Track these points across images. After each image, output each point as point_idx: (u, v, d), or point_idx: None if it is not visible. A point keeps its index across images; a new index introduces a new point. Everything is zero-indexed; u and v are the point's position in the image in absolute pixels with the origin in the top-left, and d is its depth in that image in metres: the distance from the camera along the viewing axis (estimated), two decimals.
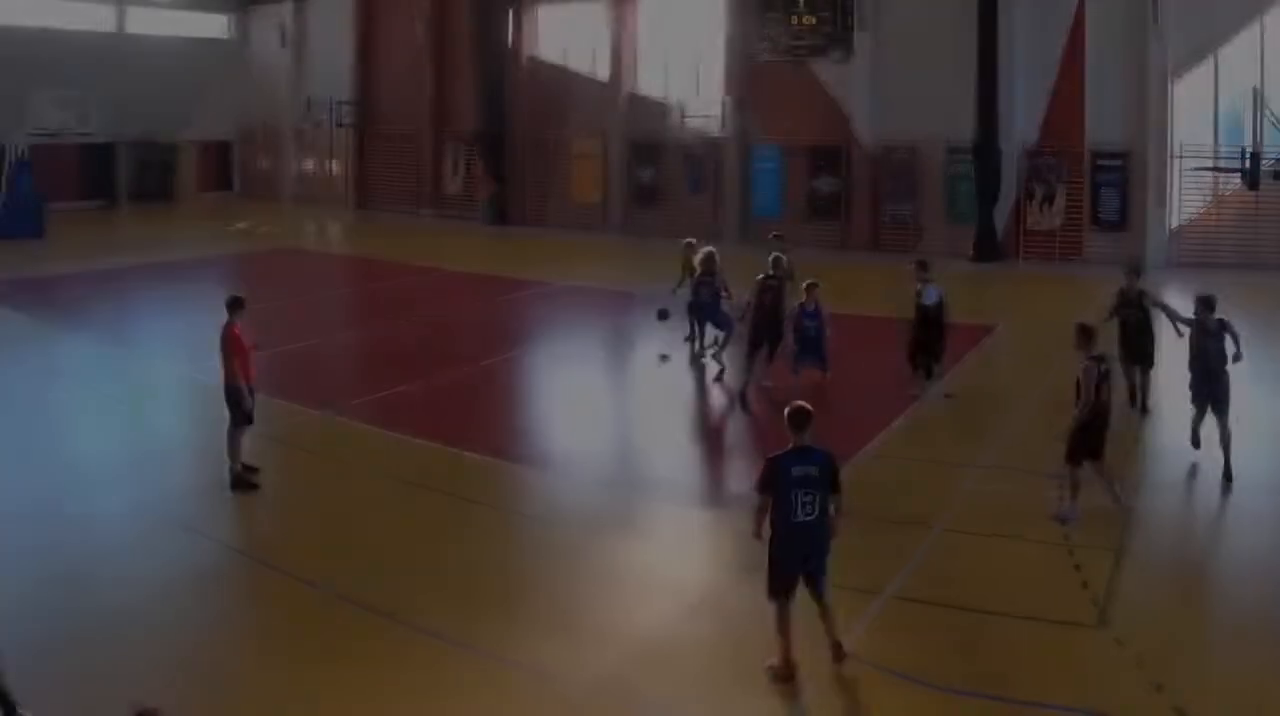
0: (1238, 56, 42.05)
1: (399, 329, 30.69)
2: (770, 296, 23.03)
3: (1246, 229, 42.28)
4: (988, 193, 44.58)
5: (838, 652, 11.88)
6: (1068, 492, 16.08)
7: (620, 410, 23.51)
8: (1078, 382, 16.01)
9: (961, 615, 13.05)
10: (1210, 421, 18.38)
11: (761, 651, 11.85)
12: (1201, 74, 42.87)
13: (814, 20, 48.68)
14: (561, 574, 14.54)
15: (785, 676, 11.71)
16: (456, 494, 17.40)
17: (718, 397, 23.98)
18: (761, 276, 23.07)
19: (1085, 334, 16.09)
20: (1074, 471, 16.06)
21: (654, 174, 52.90)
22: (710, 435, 21.64)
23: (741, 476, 17.24)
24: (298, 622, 13.14)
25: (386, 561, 14.74)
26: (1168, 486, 17.85)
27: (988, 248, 44.70)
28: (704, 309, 25.87)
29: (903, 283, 25.00)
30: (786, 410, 12.02)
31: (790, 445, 11.87)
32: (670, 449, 20.47)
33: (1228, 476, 17.84)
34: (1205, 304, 18.64)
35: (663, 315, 25.78)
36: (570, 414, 22.09)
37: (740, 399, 21.88)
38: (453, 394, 23.61)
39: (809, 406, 12.04)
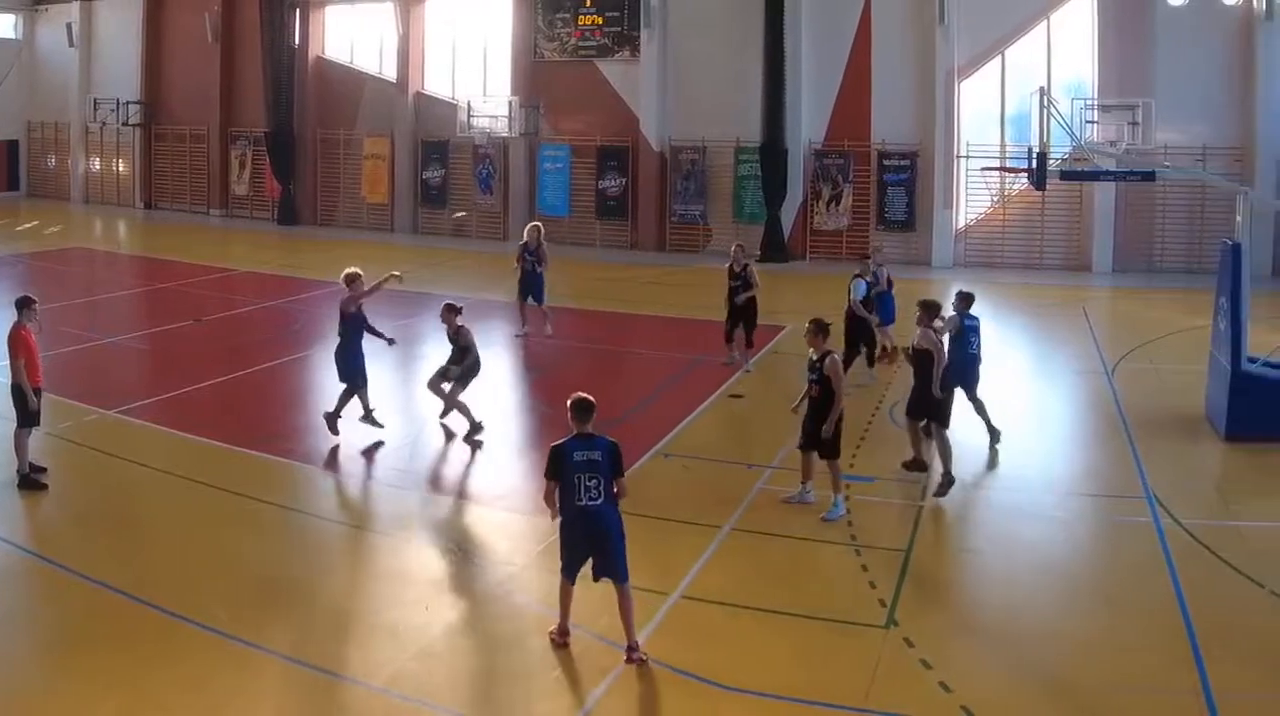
0: (1025, 56, 39.47)
1: (187, 329, 27.61)
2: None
3: (1033, 229, 39.35)
4: (775, 193, 40.79)
5: (630, 653, 11.05)
6: (831, 490, 15.16)
7: (408, 409, 20.87)
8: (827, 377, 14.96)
9: (750, 615, 12.18)
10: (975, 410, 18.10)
11: (546, 650, 11.20)
12: (989, 73, 39.90)
13: (601, 20, 44.50)
14: (349, 572, 13.48)
15: (560, 644, 11.30)
16: (244, 493, 15.84)
17: (512, 394, 22.60)
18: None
19: (819, 326, 15.09)
20: (833, 465, 15.12)
21: (443, 174, 47.70)
22: (499, 433, 19.37)
23: (528, 474, 16.42)
24: (84, 620, 11.93)
25: (174, 560, 13.60)
26: (953, 488, 15.96)
27: (775, 248, 40.72)
28: (526, 279, 25.43)
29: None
30: (569, 400, 11.44)
31: (573, 432, 11.27)
32: (460, 447, 18.44)
33: (993, 435, 18.01)
34: (964, 300, 18.21)
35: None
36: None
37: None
38: (242, 394, 21.88)
39: (590, 397, 11.44)
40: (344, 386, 18.21)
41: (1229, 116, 36.74)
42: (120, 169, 56.39)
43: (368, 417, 18.22)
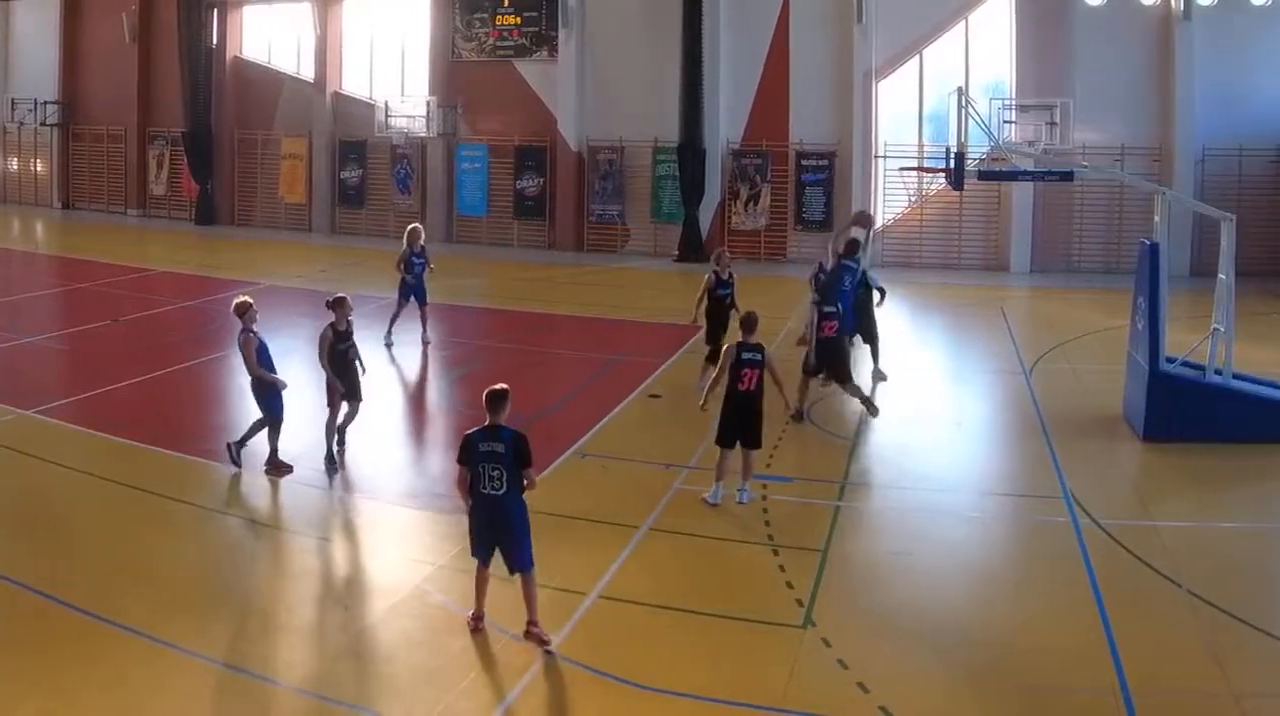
0: (943, 56, 37.68)
1: (105, 329, 26.09)
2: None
3: (951, 229, 37.40)
4: (693, 193, 38.56)
5: (529, 630, 10.81)
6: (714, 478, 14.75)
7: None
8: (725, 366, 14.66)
9: (668, 615, 11.56)
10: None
11: (465, 649, 10.70)
12: (907, 73, 37.93)
13: (518, 20, 42.10)
14: (267, 573, 12.81)
15: (475, 628, 11.00)
16: (161, 493, 14.98)
17: (431, 395, 21.73)
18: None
19: (747, 321, 14.79)
20: (722, 455, 14.66)
21: (360, 174, 45.04)
22: (418, 432, 19.06)
23: (447, 475, 14.87)
24: (1, 621, 11.13)
25: (91, 560, 12.85)
26: (868, 486, 16.12)
27: (693, 248, 38.44)
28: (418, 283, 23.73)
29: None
30: (485, 392, 11.01)
31: (486, 422, 10.91)
32: (376, 447, 17.43)
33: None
34: (848, 246, 18.85)
35: None
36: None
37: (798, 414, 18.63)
38: (159, 394, 20.62)
39: (503, 388, 11.03)
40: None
41: (1147, 116, 35.33)
42: (38, 169, 53.06)
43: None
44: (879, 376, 21.24)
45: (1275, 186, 34.28)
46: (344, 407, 16.14)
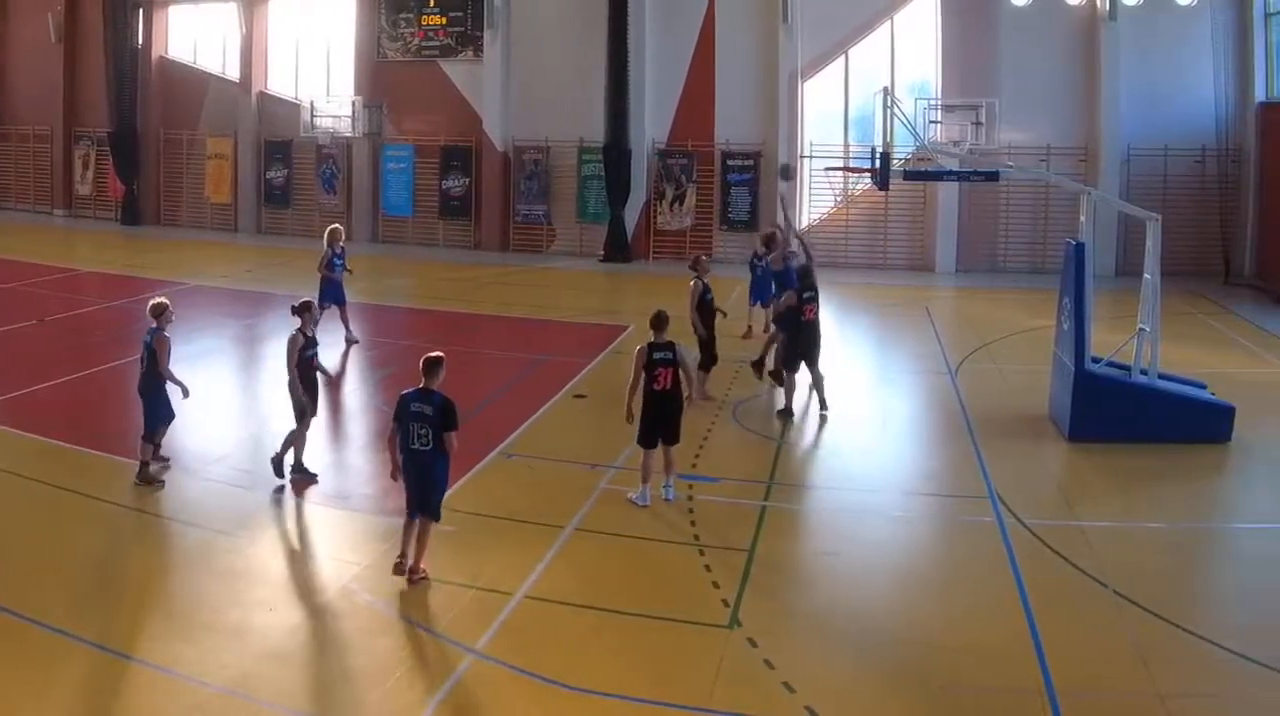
0: (869, 56, 35.85)
1: (30, 329, 25.00)
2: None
3: (877, 229, 35.64)
4: (618, 193, 36.53)
5: (413, 575, 11.45)
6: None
7: (253, 408, 19.56)
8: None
9: (593, 615, 11.15)
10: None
11: (390, 650, 10.33)
12: (832, 73, 36.13)
13: (444, 20, 39.84)
14: (193, 573, 12.11)
15: (399, 571, 11.44)
16: (86, 493, 14.31)
17: (356, 395, 20.72)
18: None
19: (658, 320, 14.10)
20: (646, 455, 14.13)
21: (286, 174, 42.71)
22: (343, 432, 18.20)
23: (373, 475, 15.15)
24: None
25: (14, 559, 12.26)
26: (795, 486, 15.54)
27: (619, 248, 36.63)
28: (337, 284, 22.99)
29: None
30: (422, 358, 11.64)
31: (421, 385, 11.50)
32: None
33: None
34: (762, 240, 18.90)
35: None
36: (202, 413, 17.51)
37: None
38: (85, 394, 19.88)
39: (438, 356, 11.66)
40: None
41: (1073, 116, 33.82)
42: None
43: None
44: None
45: (1200, 186, 32.94)
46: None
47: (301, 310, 14.78)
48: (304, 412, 14.70)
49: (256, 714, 9.29)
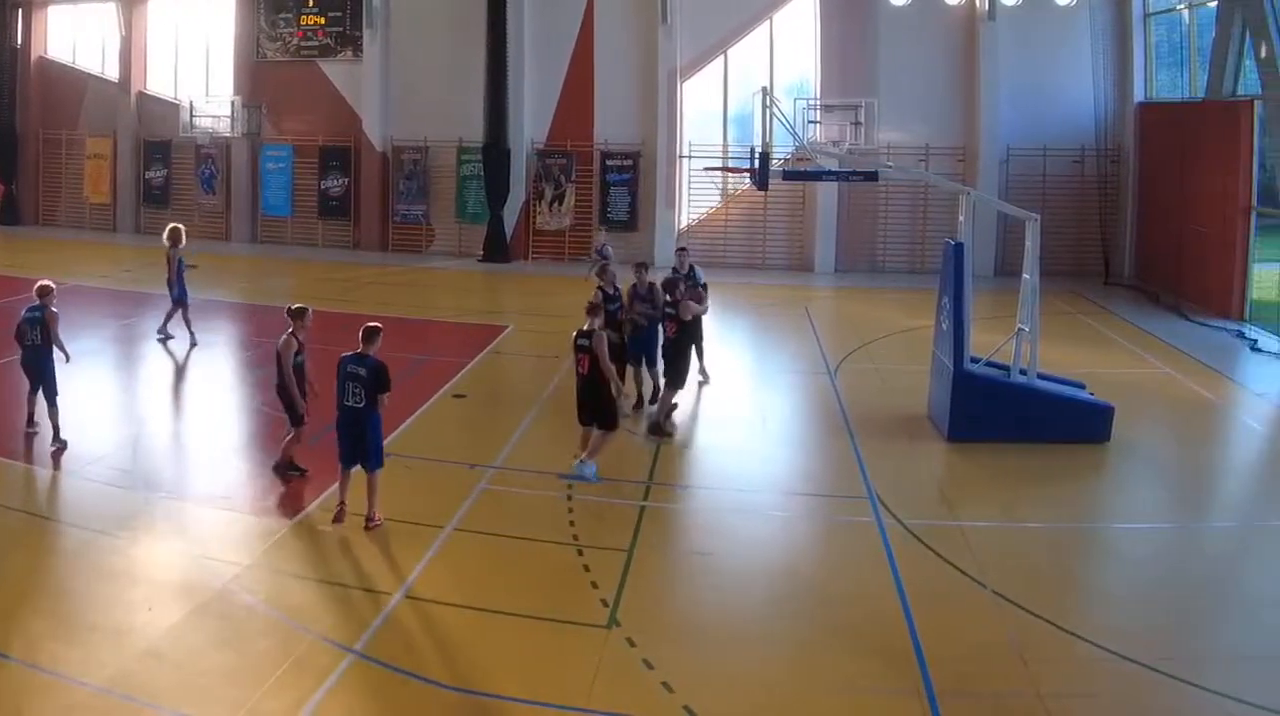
0: (748, 56, 33.17)
1: None
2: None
3: (756, 229, 32.80)
4: (498, 193, 33.30)
5: (368, 522, 11.93)
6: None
7: (131, 408, 18.14)
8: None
9: (473, 615, 10.45)
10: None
11: (270, 650, 9.59)
12: (711, 73, 33.24)
13: (323, 20, 36.29)
14: (73, 574, 11.19)
15: (338, 519, 11.88)
16: None
17: (232, 395, 19.12)
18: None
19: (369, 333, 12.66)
20: (582, 432, 14.28)
21: (165, 174, 38.86)
22: (223, 432, 16.49)
23: (253, 474, 14.16)
24: None
25: None
26: (674, 486, 14.28)
27: (498, 248, 33.46)
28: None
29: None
30: (362, 327, 12.07)
31: (359, 350, 11.86)
32: (183, 448, 15.86)
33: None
34: (641, 268, 17.29)
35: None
36: (81, 413, 16.23)
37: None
38: None
39: (379, 326, 12.13)
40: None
41: (952, 116, 31.39)
42: None
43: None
44: (704, 377, 19.19)
45: (1079, 186, 30.59)
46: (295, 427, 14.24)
47: (296, 315, 13.80)
48: (300, 416, 13.82)
49: (136, 713, 8.63)
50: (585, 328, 13.89)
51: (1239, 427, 17.63)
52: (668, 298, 16.79)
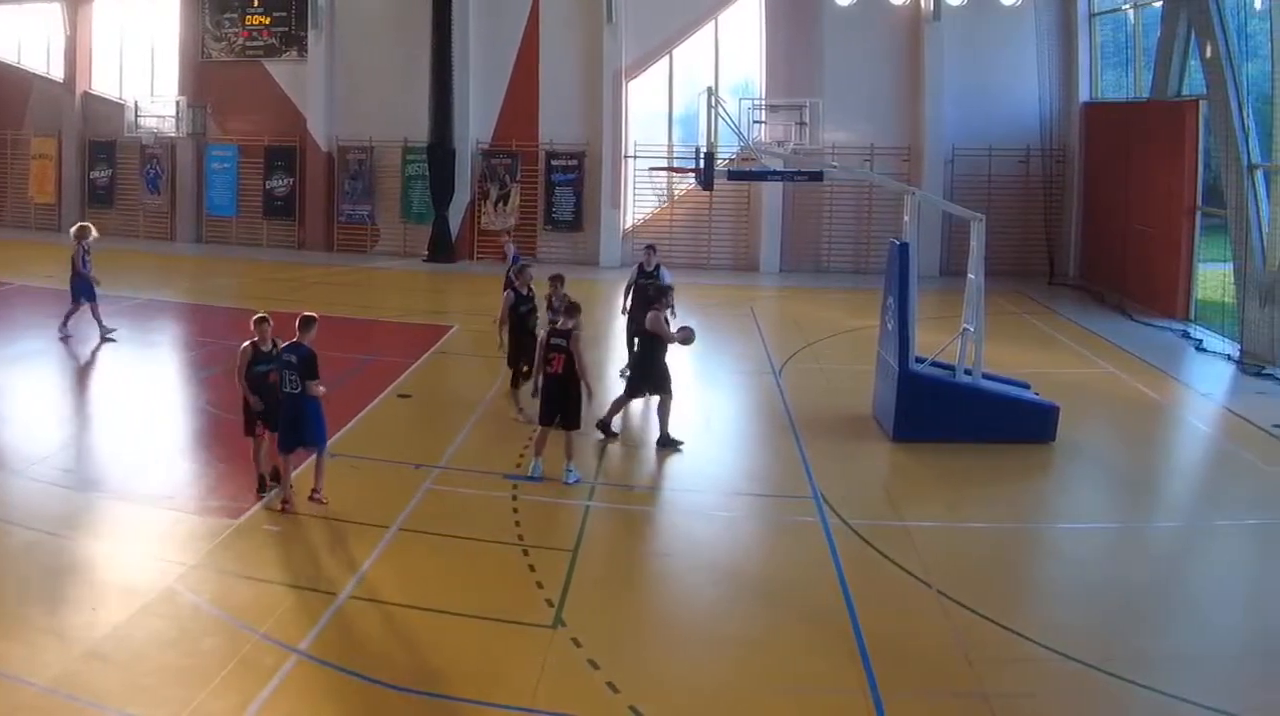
0: (693, 56, 31.85)
1: None
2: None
3: (701, 229, 31.54)
4: (443, 193, 32.00)
5: (312, 495, 12.07)
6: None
7: (75, 407, 17.47)
8: None
9: (418, 615, 10.16)
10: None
11: (215, 649, 9.32)
12: (657, 73, 31.99)
13: (268, 20, 34.70)
14: (17, 572, 10.87)
15: (285, 511, 11.92)
16: None
17: (178, 395, 18.31)
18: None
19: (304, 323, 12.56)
20: (541, 432, 13.81)
21: (110, 174, 37.23)
22: (168, 431, 15.75)
23: (198, 474, 13.76)
24: None
25: None
26: (618, 486, 13.85)
27: (443, 248, 32.12)
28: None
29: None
30: (299, 317, 12.04)
31: (294, 339, 11.83)
32: (126, 447, 14.95)
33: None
34: (556, 280, 16.50)
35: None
36: (22, 411, 16.17)
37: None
38: None
39: (314, 316, 12.07)
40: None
41: (897, 116, 30.25)
42: None
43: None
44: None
45: (1024, 186, 29.52)
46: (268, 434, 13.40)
47: (257, 324, 13.21)
48: (252, 422, 13.61)
49: (80, 713, 8.38)
50: (560, 327, 13.52)
51: (1184, 428, 17.21)
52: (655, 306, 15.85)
